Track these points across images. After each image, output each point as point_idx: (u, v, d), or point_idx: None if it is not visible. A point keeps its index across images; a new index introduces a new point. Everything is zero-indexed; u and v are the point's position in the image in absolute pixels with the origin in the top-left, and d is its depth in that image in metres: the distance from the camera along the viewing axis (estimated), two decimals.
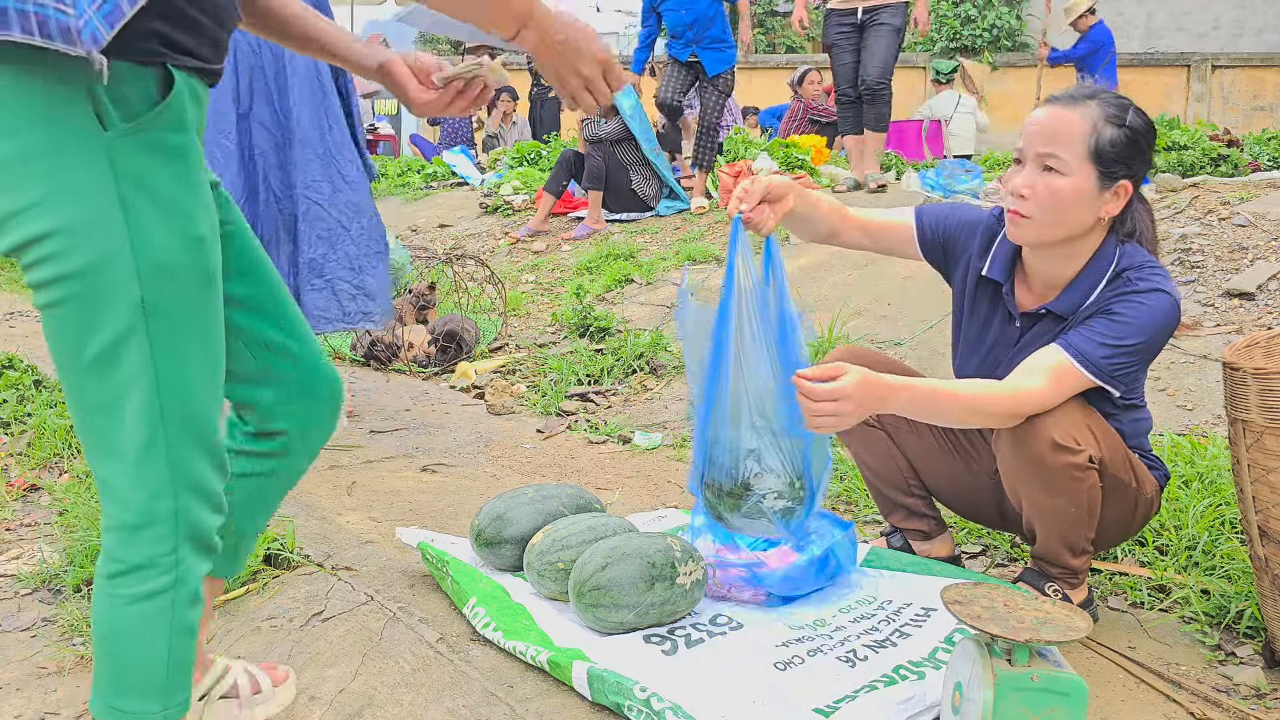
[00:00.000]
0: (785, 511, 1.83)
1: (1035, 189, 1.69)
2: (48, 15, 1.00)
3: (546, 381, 3.88)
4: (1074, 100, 1.71)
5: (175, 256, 1.11)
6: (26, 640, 1.91)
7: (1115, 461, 1.74)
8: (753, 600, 1.91)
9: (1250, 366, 1.61)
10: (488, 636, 1.79)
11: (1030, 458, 1.69)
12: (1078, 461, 1.67)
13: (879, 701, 1.54)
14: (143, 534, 1.16)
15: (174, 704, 1.22)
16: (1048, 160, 1.69)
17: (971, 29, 15.69)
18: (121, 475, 1.15)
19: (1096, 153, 1.67)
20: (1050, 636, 1.35)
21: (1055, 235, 1.72)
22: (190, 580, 1.20)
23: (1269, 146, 5.64)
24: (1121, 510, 1.79)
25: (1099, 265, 1.74)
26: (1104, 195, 1.69)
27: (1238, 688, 1.68)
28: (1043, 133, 1.70)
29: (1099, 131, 1.67)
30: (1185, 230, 3.91)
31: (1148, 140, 1.71)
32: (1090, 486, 1.70)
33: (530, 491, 2.12)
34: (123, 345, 1.10)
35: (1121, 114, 1.69)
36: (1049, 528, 1.76)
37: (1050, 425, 1.67)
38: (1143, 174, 1.73)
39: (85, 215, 1.06)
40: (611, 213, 6.56)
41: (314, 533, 2.35)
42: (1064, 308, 1.76)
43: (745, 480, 1.81)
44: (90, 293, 1.08)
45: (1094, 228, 1.73)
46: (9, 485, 2.73)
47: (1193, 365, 3.02)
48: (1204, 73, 14.06)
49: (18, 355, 3.76)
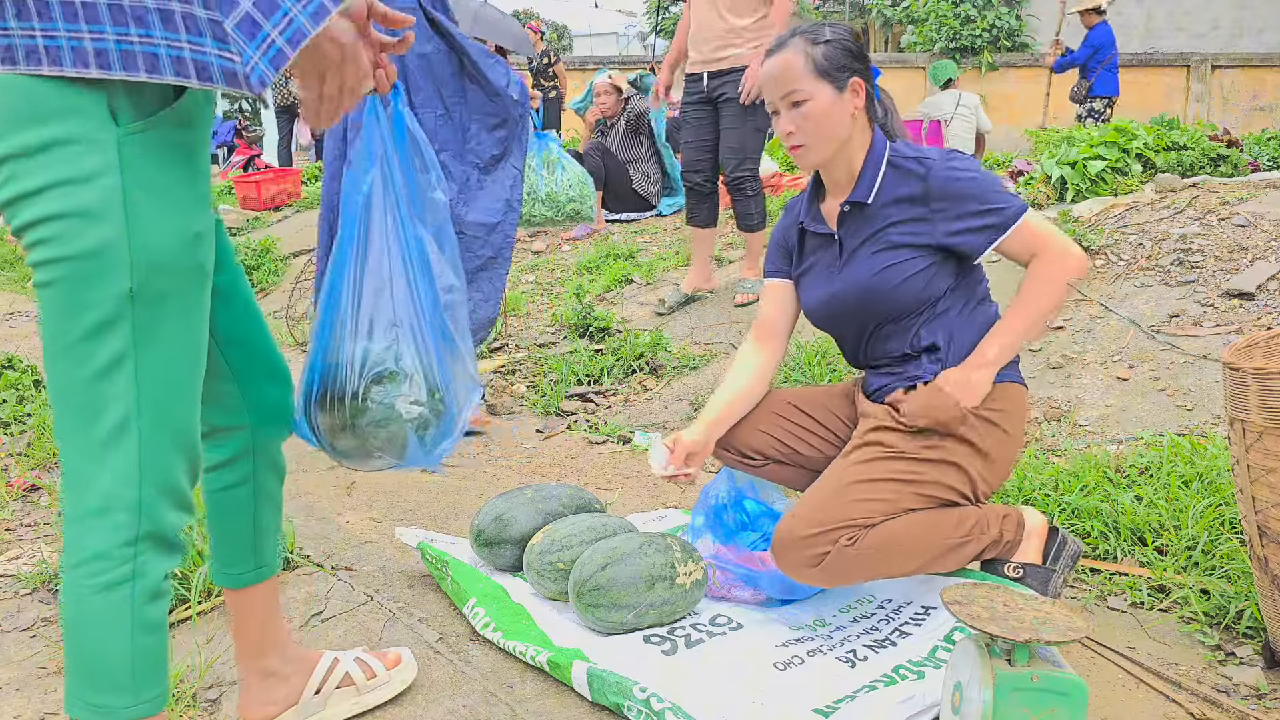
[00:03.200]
0: (421, 422, 1.56)
1: (796, 122, 1.89)
2: (209, 61, 1.08)
3: (546, 381, 3.88)
4: (781, 45, 1.93)
5: (169, 251, 1.15)
6: (26, 640, 1.91)
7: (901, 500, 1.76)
8: (752, 600, 1.91)
9: (1250, 366, 1.61)
10: (487, 636, 1.79)
11: (810, 567, 1.73)
12: (839, 541, 1.70)
13: (879, 701, 1.54)
14: (103, 521, 1.17)
15: (144, 699, 1.22)
16: (791, 98, 1.89)
17: (971, 29, 15.69)
18: (91, 462, 1.17)
19: (819, 70, 1.88)
20: (1050, 636, 1.35)
21: (831, 147, 1.90)
22: (149, 574, 1.20)
23: (1269, 146, 5.63)
24: (997, 449, 1.84)
25: (875, 156, 1.92)
26: (845, 97, 1.89)
27: (1238, 688, 1.67)
28: (774, 80, 1.91)
29: (810, 55, 1.88)
30: (1185, 230, 3.90)
31: (852, 41, 1.93)
32: (869, 543, 1.72)
33: (530, 491, 2.12)
34: (107, 330, 1.13)
35: (819, 33, 1.92)
36: (932, 570, 1.82)
37: (788, 530, 1.73)
38: (866, 67, 1.93)
39: (88, 204, 1.10)
40: (612, 213, 6.55)
41: (314, 533, 2.35)
42: (861, 195, 1.90)
43: (376, 377, 1.54)
44: (83, 276, 1.11)
45: (855, 126, 1.91)
46: (9, 485, 2.73)
47: (1192, 365, 3.02)
48: (1204, 73, 14.06)
49: (18, 355, 3.76)
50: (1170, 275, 3.64)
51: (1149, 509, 2.17)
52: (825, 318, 2.00)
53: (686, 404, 3.55)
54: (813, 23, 1.97)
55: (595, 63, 14.09)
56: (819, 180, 2.01)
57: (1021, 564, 1.85)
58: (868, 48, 18.85)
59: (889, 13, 19.96)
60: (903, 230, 1.85)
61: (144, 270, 1.13)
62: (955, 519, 1.79)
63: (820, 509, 1.73)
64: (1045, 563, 1.87)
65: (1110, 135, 4.72)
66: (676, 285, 4.89)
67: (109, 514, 1.17)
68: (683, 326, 4.40)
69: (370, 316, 1.56)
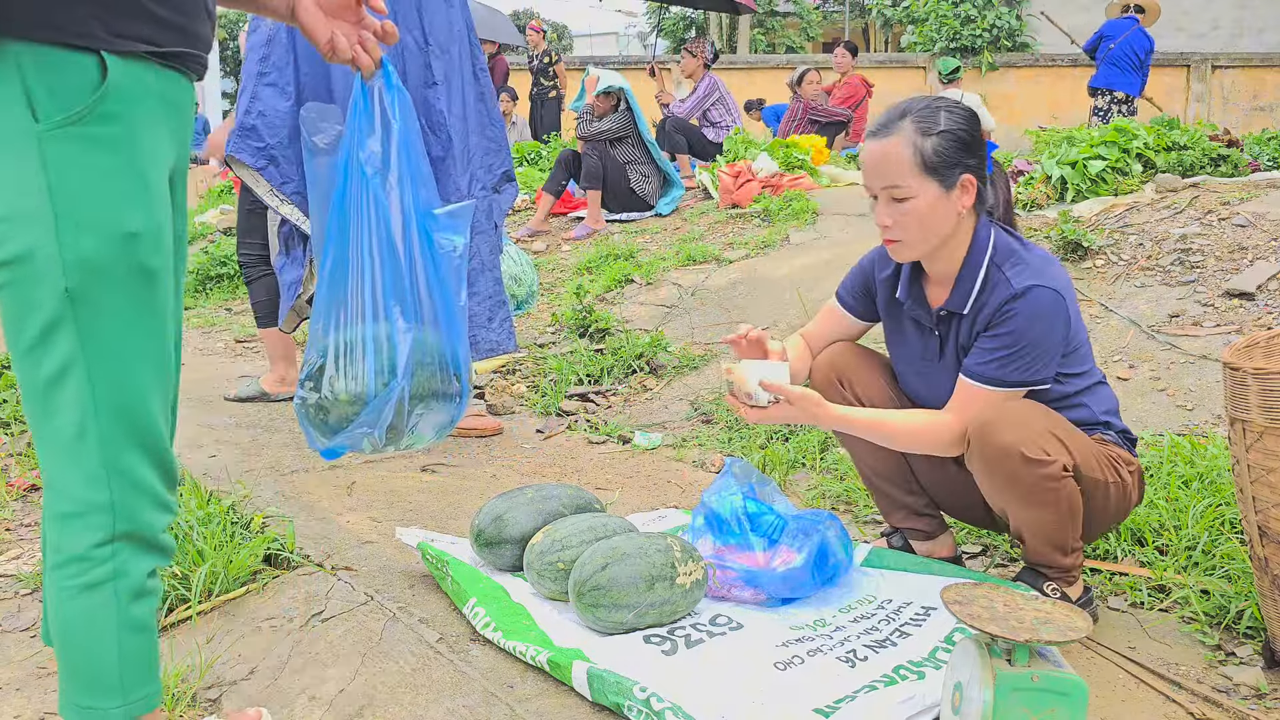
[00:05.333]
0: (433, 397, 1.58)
1: (894, 217, 1.78)
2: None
3: (546, 381, 3.88)
4: (886, 128, 1.78)
5: (100, 250, 1.12)
6: (26, 640, 1.91)
7: (1087, 462, 1.76)
8: (753, 600, 1.91)
9: (1250, 366, 1.61)
10: (488, 636, 1.79)
11: (1005, 475, 1.73)
12: (1051, 473, 1.70)
13: (879, 701, 1.54)
14: (77, 523, 1.18)
15: (134, 700, 1.22)
16: (892, 192, 1.77)
17: (971, 29, 15.69)
18: (57, 464, 1.18)
19: (926, 167, 1.75)
20: (1050, 636, 1.35)
21: (930, 245, 1.81)
22: (131, 574, 1.20)
23: (1269, 146, 5.62)
24: (1104, 504, 1.82)
25: (976, 256, 1.82)
26: (952, 195, 1.78)
27: (1238, 688, 1.67)
28: (874, 170, 1.79)
29: (919, 148, 1.75)
30: (1185, 230, 3.90)
31: (969, 131, 1.79)
32: (1068, 493, 1.73)
33: (530, 491, 2.12)
34: (53, 333, 1.13)
35: (933, 121, 1.76)
36: (1035, 536, 1.80)
37: (1016, 440, 1.70)
38: (979, 159, 1.80)
39: (16, 207, 1.09)
40: (611, 213, 6.55)
41: (314, 533, 2.35)
42: (958, 304, 1.84)
43: (321, 366, 1.56)
44: (22, 280, 1.11)
45: (960, 222, 1.81)
46: (9, 485, 2.73)
47: (1192, 365, 3.02)
48: (1204, 73, 14.06)
49: None
50: (1170, 275, 3.64)
51: (1149, 509, 2.17)
52: (913, 392, 2.00)
53: (686, 404, 3.55)
54: (926, 103, 1.80)
55: (596, 62, 14.12)
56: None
57: (1064, 591, 1.82)
58: (868, 48, 18.88)
59: (889, 13, 19.96)
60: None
61: (76, 270, 1.11)
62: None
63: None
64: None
65: (1110, 135, 4.72)
66: (678, 285, 4.89)
67: (82, 516, 1.18)
68: (683, 326, 4.40)
69: (342, 304, 1.55)
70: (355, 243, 1.54)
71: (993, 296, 1.78)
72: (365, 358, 1.56)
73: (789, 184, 6.25)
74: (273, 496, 2.62)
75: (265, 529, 2.27)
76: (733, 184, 6.12)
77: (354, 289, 1.54)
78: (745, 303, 4.49)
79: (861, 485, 2.54)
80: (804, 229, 5.43)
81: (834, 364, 2.03)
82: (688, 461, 3.02)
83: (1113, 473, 1.80)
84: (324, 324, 1.55)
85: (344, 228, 1.54)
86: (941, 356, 1.91)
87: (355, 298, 1.55)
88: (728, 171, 6.24)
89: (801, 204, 5.71)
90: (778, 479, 2.78)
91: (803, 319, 3.95)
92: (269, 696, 1.69)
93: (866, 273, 2.04)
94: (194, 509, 2.18)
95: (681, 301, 4.70)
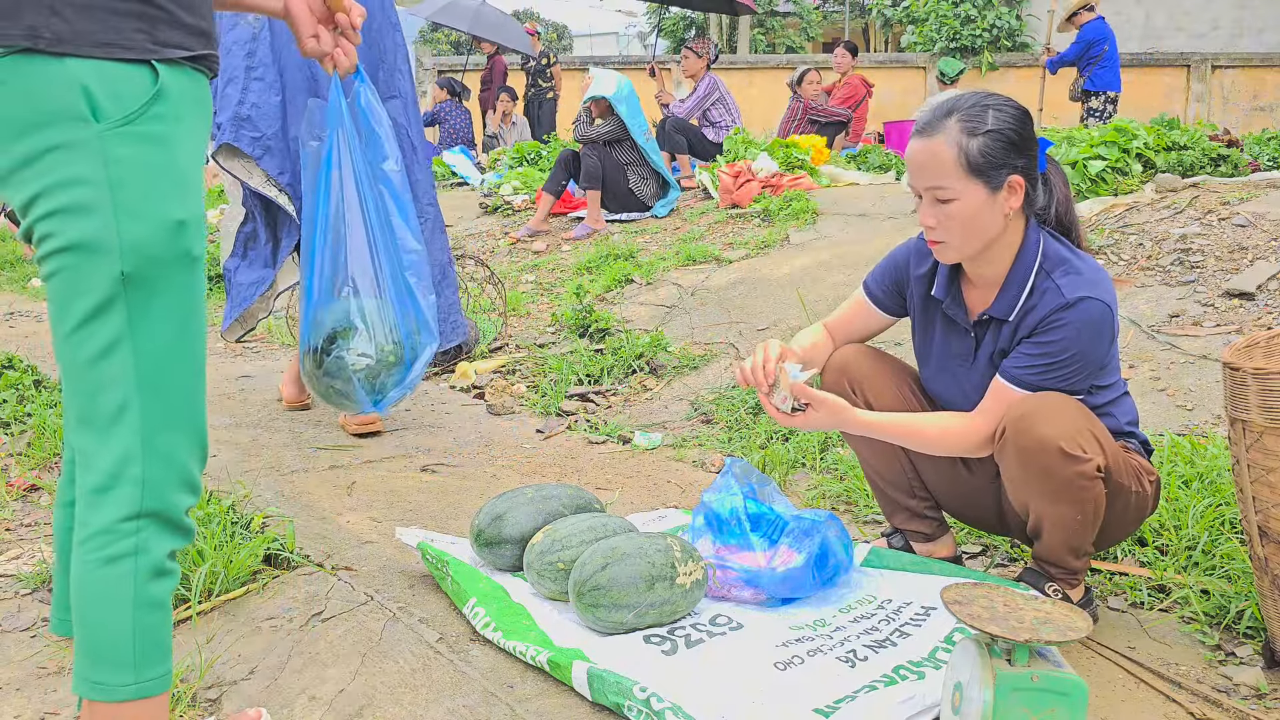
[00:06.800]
0: (368, 372, 1.76)
1: (938, 218, 1.73)
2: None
3: (546, 381, 3.88)
4: (932, 126, 1.72)
5: (153, 237, 1.21)
6: (26, 640, 1.91)
7: (1118, 467, 1.75)
8: (753, 600, 1.91)
9: (1250, 366, 1.61)
10: (488, 636, 1.79)
11: (1039, 468, 1.70)
12: (1085, 470, 1.68)
13: (879, 701, 1.54)
14: (107, 496, 1.21)
15: (147, 678, 1.23)
16: (935, 193, 1.72)
17: (971, 29, 15.69)
18: (96, 443, 1.22)
19: (972, 168, 1.69)
20: (1050, 636, 1.35)
21: (974, 247, 1.76)
22: (152, 551, 1.23)
23: (1269, 146, 5.63)
24: (1124, 512, 1.80)
25: (1024, 262, 1.77)
26: (999, 197, 1.72)
27: (1238, 688, 1.67)
28: (918, 169, 1.73)
29: (964, 148, 1.68)
30: (1185, 230, 3.91)
31: (1018, 130, 1.72)
32: (1096, 494, 1.71)
33: (530, 491, 2.12)
34: (102, 313, 1.20)
35: (980, 120, 1.70)
36: (1054, 533, 1.77)
37: (1056, 434, 1.67)
38: (1029, 159, 1.74)
39: (79, 199, 1.18)
40: (611, 213, 6.56)
41: (314, 533, 2.35)
42: (1002, 310, 1.79)
43: (334, 333, 1.74)
44: (77, 265, 1.19)
45: (1007, 225, 1.75)
46: (9, 485, 2.73)
47: (1193, 365, 3.02)
48: (1204, 73, 14.06)
49: (18, 355, 3.77)
50: (1170, 275, 3.64)
51: None
52: (936, 391, 1.98)
53: (686, 404, 3.55)
54: (974, 100, 1.74)
55: (597, 62, 14.12)
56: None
57: (1065, 592, 1.81)
58: (868, 48, 18.85)
59: (889, 13, 19.98)
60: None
61: (132, 255, 1.19)
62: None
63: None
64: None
65: (1110, 135, 4.72)
66: (678, 285, 4.89)
67: (112, 490, 1.22)
68: (683, 326, 4.40)
69: (333, 277, 1.71)
70: (350, 218, 1.71)
71: (1041, 302, 1.74)
72: (397, 319, 1.75)
73: (789, 184, 6.25)
74: (273, 496, 2.62)
75: (265, 529, 2.27)
76: (733, 184, 6.12)
77: (360, 261, 1.70)
78: (745, 303, 4.49)
79: (862, 485, 2.55)
80: (804, 229, 5.43)
81: (845, 369, 2.00)
82: (688, 461, 3.02)
83: (1136, 481, 1.79)
84: (332, 292, 1.68)
85: (328, 205, 1.71)
86: (975, 359, 1.88)
87: (372, 267, 1.71)
88: (728, 171, 6.24)
89: (801, 204, 5.71)
90: (778, 479, 2.78)
91: (803, 319, 3.95)
92: (269, 696, 1.69)
93: (900, 266, 1.98)
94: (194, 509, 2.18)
95: (681, 301, 4.71)
